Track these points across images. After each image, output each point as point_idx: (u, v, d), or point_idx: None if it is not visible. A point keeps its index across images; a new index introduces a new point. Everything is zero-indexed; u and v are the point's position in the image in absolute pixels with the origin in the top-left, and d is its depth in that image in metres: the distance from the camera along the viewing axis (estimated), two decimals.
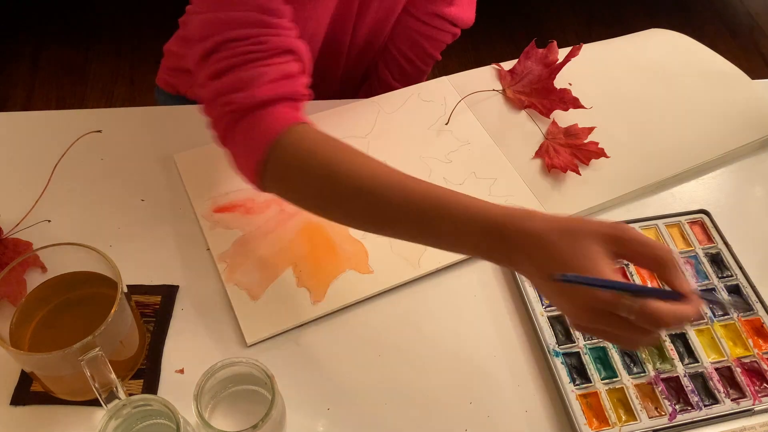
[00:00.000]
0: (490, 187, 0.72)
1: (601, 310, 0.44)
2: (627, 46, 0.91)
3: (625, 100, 0.83)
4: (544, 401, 0.59)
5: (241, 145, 0.54)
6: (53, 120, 0.76)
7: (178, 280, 0.64)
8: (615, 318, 0.44)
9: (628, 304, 0.43)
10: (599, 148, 0.75)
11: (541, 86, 0.81)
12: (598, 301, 0.44)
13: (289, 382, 0.57)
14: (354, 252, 0.66)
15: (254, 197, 0.69)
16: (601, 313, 0.44)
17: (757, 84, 0.86)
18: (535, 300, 0.64)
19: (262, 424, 0.48)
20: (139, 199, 0.70)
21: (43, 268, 0.54)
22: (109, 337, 0.50)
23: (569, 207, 0.71)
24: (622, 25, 2.19)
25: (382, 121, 0.78)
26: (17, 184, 0.70)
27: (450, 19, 0.85)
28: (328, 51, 0.86)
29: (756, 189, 0.77)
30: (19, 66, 1.88)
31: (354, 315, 0.63)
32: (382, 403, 0.58)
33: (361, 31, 0.84)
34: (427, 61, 0.90)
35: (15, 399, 0.56)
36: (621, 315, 0.44)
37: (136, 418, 0.50)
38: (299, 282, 0.64)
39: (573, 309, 0.46)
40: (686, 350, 0.62)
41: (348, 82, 0.96)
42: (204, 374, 0.50)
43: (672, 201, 0.75)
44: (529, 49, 0.83)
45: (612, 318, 0.44)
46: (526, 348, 0.62)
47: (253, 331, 0.60)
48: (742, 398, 0.60)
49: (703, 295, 0.46)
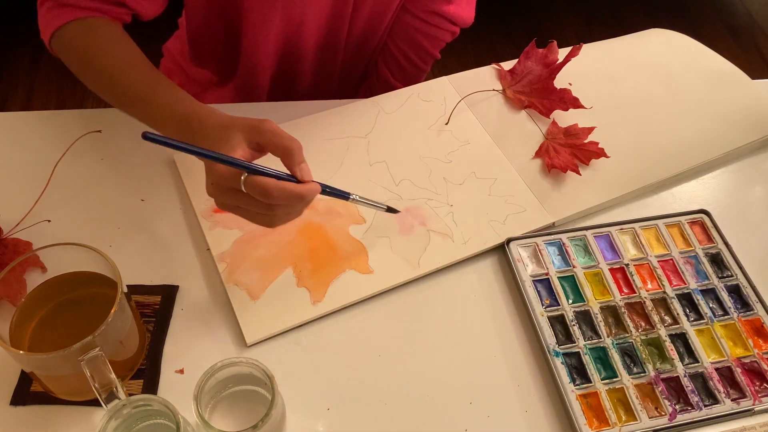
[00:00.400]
0: (490, 187, 0.73)
1: (226, 185, 0.53)
2: (627, 46, 0.91)
3: (625, 100, 0.83)
4: (544, 401, 0.59)
5: (42, 20, 0.69)
6: (53, 120, 0.76)
7: (178, 280, 0.64)
8: (239, 193, 0.53)
9: (240, 178, 0.52)
10: (599, 148, 0.75)
11: (541, 86, 0.81)
12: (220, 177, 0.53)
13: (289, 382, 0.57)
14: (354, 252, 0.66)
15: None
16: (227, 188, 0.54)
17: (757, 84, 0.86)
18: (535, 300, 0.64)
19: (262, 424, 0.48)
20: (139, 199, 0.70)
21: (43, 268, 0.54)
22: (109, 337, 0.50)
23: (569, 207, 0.71)
24: (622, 25, 2.19)
25: (382, 121, 0.78)
26: (17, 184, 0.70)
27: (449, 17, 0.85)
28: (325, 46, 0.86)
29: (756, 189, 0.77)
30: (19, 66, 1.88)
31: (354, 315, 0.63)
32: (382, 403, 0.58)
33: (358, 26, 0.84)
34: (427, 60, 0.90)
35: (15, 399, 0.56)
36: (242, 190, 0.52)
37: (136, 418, 0.50)
38: (299, 282, 0.64)
39: (209, 186, 0.55)
40: (686, 350, 0.62)
41: (347, 79, 0.96)
42: (204, 374, 0.50)
43: (672, 201, 0.75)
44: (529, 49, 0.83)
45: (236, 193, 0.53)
46: (526, 348, 0.62)
47: (253, 331, 0.60)
48: (742, 398, 0.60)
49: (322, 185, 0.56)
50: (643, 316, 0.64)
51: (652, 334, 0.63)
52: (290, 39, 0.82)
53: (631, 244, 0.70)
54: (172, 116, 0.60)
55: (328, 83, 0.94)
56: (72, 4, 0.67)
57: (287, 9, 0.77)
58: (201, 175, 0.71)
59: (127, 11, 0.70)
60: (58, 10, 0.67)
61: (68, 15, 0.67)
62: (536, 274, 0.66)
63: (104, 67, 0.66)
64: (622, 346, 0.62)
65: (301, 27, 0.80)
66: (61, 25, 0.67)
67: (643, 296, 0.66)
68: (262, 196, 0.52)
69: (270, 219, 0.56)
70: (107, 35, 0.67)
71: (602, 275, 0.67)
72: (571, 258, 0.68)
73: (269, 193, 0.52)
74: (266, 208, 0.54)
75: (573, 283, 0.66)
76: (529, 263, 0.67)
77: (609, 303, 0.65)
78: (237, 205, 0.55)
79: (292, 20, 0.79)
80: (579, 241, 0.69)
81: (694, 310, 0.65)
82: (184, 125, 0.59)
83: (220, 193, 0.55)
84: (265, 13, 0.77)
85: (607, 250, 0.69)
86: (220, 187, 0.54)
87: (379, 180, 0.72)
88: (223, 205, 0.56)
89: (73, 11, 0.67)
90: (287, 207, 0.55)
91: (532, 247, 0.68)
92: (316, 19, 0.81)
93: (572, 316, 0.64)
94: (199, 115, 0.58)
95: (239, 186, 0.53)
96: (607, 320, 0.64)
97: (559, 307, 0.64)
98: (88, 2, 0.67)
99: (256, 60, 0.84)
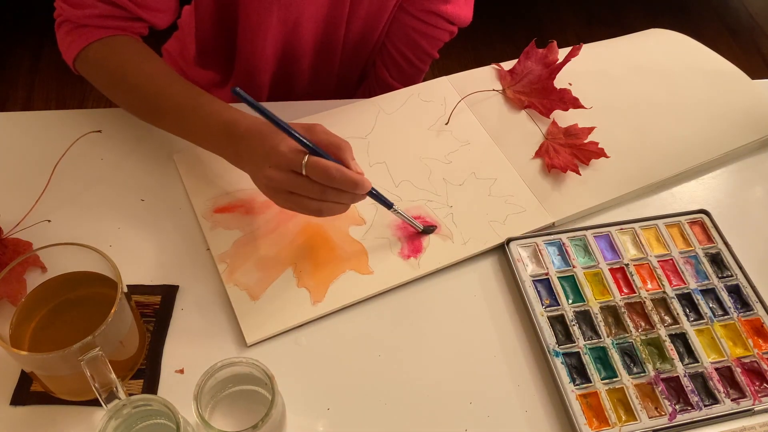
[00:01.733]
0: (490, 187, 0.73)
1: (287, 166, 0.56)
2: (627, 46, 0.91)
3: (625, 100, 0.83)
4: (544, 401, 0.59)
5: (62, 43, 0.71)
6: (53, 120, 0.76)
7: (178, 280, 0.64)
8: (296, 177, 0.56)
9: (302, 161, 0.55)
10: (599, 148, 0.75)
11: (541, 86, 0.81)
12: (284, 157, 0.56)
13: (289, 382, 0.57)
14: (354, 252, 0.66)
15: (254, 197, 0.69)
16: (287, 170, 0.56)
17: (757, 84, 0.86)
18: (535, 300, 0.64)
19: (262, 424, 0.48)
20: (139, 199, 0.70)
21: (43, 268, 0.54)
22: (109, 337, 0.50)
23: (569, 207, 0.71)
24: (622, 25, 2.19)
25: (382, 122, 0.78)
26: (17, 184, 0.70)
27: (447, 17, 0.85)
28: (323, 46, 0.86)
29: (756, 189, 0.77)
30: (19, 66, 1.88)
31: (354, 315, 0.63)
32: (382, 403, 0.58)
33: (355, 26, 0.84)
34: (425, 60, 0.90)
35: (15, 399, 0.56)
36: (300, 173, 0.56)
37: (136, 418, 0.50)
38: (299, 282, 0.64)
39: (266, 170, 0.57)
40: (686, 350, 0.62)
41: (345, 80, 0.96)
42: (204, 374, 0.50)
43: (672, 201, 0.75)
44: (529, 49, 0.83)
45: (294, 177, 0.56)
46: (526, 348, 0.62)
47: (253, 331, 0.60)
48: (742, 398, 0.60)
49: (372, 187, 0.59)
50: (643, 316, 0.64)
51: (652, 334, 0.63)
52: (287, 39, 0.82)
53: (631, 244, 0.70)
54: (218, 124, 0.62)
55: (327, 84, 0.94)
56: (90, 24, 0.68)
57: (284, 9, 0.77)
58: (201, 175, 0.71)
59: (144, 24, 0.71)
60: (78, 32, 0.68)
61: (89, 36, 0.68)
62: (536, 274, 0.66)
63: (138, 84, 0.67)
64: (622, 346, 0.62)
65: (298, 27, 0.80)
66: (84, 47, 0.68)
67: (643, 296, 0.66)
68: (322, 176, 0.55)
69: (320, 206, 0.58)
70: (134, 52, 0.69)
71: (602, 275, 0.67)
72: (571, 258, 0.68)
73: (329, 174, 0.55)
74: (321, 192, 0.57)
75: (573, 283, 0.66)
76: (529, 263, 0.67)
77: (609, 303, 0.65)
78: (291, 189, 0.57)
79: (288, 21, 0.79)
80: (579, 241, 0.69)
81: (694, 310, 0.65)
82: (230, 132, 0.61)
83: (278, 176, 0.57)
84: (261, 13, 0.77)
85: (607, 250, 0.69)
86: (281, 169, 0.57)
87: (379, 181, 0.72)
88: (278, 191, 0.58)
89: (93, 32, 0.68)
90: (340, 194, 0.58)
91: (532, 247, 0.68)
92: (313, 20, 0.81)
93: (572, 316, 0.64)
94: (246, 122, 0.61)
95: (299, 168, 0.56)
96: (607, 320, 0.64)
97: (559, 307, 0.64)
98: (106, 21, 0.68)
99: (254, 60, 0.84)
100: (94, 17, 0.67)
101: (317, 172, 0.56)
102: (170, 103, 0.65)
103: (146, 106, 0.68)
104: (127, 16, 0.69)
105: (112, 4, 0.67)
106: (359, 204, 0.69)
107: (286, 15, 0.78)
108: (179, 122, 0.66)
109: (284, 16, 0.78)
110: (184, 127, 0.66)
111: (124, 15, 0.68)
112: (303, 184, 0.57)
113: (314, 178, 0.56)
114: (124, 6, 0.67)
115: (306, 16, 0.79)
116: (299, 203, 0.58)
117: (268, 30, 0.79)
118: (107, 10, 0.67)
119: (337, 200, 0.58)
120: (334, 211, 0.60)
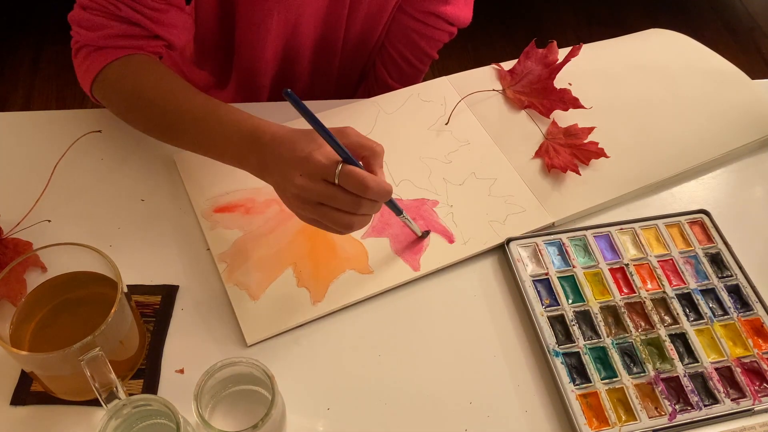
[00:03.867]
0: (490, 187, 0.73)
1: (320, 175, 0.54)
2: (627, 46, 0.91)
3: (624, 100, 0.83)
4: (544, 401, 0.59)
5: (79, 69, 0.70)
6: (53, 120, 0.76)
7: (178, 280, 0.64)
8: (328, 187, 0.54)
9: (336, 169, 0.53)
10: (599, 148, 0.75)
11: (541, 86, 0.81)
12: (317, 166, 0.53)
13: (289, 382, 0.57)
14: (354, 252, 0.66)
15: (254, 197, 0.69)
16: (319, 179, 0.54)
17: (757, 84, 0.86)
18: (535, 300, 0.64)
19: (262, 424, 0.48)
20: (139, 199, 0.70)
21: (43, 268, 0.54)
22: (109, 337, 0.50)
23: (569, 207, 0.71)
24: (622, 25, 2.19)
25: (382, 121, 0.78)
26: (17, 184, 0.70)
27: (446, 17, 0.85)
28: (322, 47, 0.86)
29: (756, 189, 0.77)
30: (19, 66, 1.88)
31: (354, 315, 0.63)
32: (382, 403, 0.58)
33: (355, 26, 0.84)
34: (425, 60, 0.90)
35: (15, 399, 0.56)
36: (333, 183, 0.53)
37: (136, 418, 0.50)
38: (299, 282, 0.64)
39: (297, 179, 0.54)
40: (686, 350, 0.62)
41: (344, 80, 0.96)
42: (204, 374, 0.50)
43: (672, 201, 0.75)
44: (529, 49, 0.83)
45: (326, 187, 0.54)
46: (526, 348, 0.62)
47: (253, 331, 0.61)
48: (742, 398, 0.60)
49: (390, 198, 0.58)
50: (643, 316, 0.64)
51: (651, 334, 0.63)
52: (287, 40, 0.82)
53: (631, 244, 0.70)
54: (240, 132, 0.60)
55: (326, 84, 0.94)
56: (108, 46, 0.67)
57: (283, 10, 0.77)
58: (201, 175, 0.71)
59: (162, 43, 0.70)
60: (95, 55, 0.67)
61: (107, 57, 0.67)
62: (536, 274, 0.66)
63: (156, 99, 0.65)
64: (622, 346, 0.62)
65: (297, 28, 0.80)
66: (102, 69, 0.67)
67: (643, 296, 0.66)
68: (357, 186, 0.53)
69: (351, 219, 0.56)
70: (153, 69, 0.67)
71: (602, 275, 0.67)
72: (571, 258, 0.68)
73: (366, 184, 0.53)
74: (353, 204, 0.54)
75: (573, 283, 0.66)
76: (529, 263, 0.67)
77: (609, 303, 0.65)
78: (323, 200, 0.55)
79: (288, 21, 0.79)
80: (579, 241, 0.69)
81: (693, 310, 0.65)
82: (253, 139, 0.59)
83: (309, 185, 0.54)
84: (261, 14, 0.77)
85: (607, 250, 0.69)
86: (313, 178, 0.54)
87: None
88: (307, 202, 0.55)
89: (111, 52, 0.67)
90: (372, 205, 0.55)
91: (532, 247, 0.68)
92: (313, 20, 0.81)
93: (572, 316, 0.64)
94: (271, 129, 0.58)
95: (332, 178, 0.53)
96: (606, 320, 0.64)
97: (559, 307, 0.64)
98: (124, 41, 0.67)
99: (254, 61, 0.84)
100: (111, 38, 0.66)
101: (352, 182, 0.53)
102: (189, 116, 0.63)
103: (165, 122, 0.66)
104: (144, 34, 0.68)
105: (129, 23, 0.66)
106: None
107: (285, 15, 0.78)
108: (199, 135, 0.63)
109: (284, 17, 0.78)
110: (205, 140, 0.63)
111: (142, 33, 0.67)
112: (335, 194, 0.54)
113: (348, 188, 0.53)
114: (142, 24, 0.66)
115: (306, 17, 0.79)
116: (328, 216, 0.55)
117: (268, 30, 0.79)
118: (124, 30, 0.66)
119: (370, 212, 0.56)
120: (363, 224, 0.57)
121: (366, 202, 0.54)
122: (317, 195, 0.54)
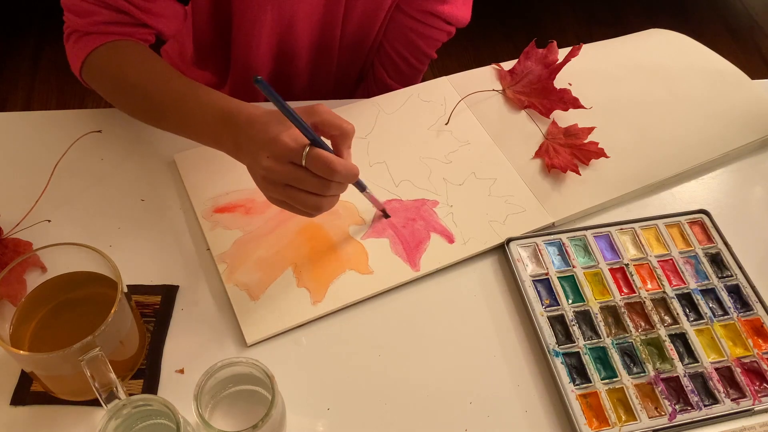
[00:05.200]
0: (490, 187, 0.73)
1: (286, 158, 0.54)
2: (627, 46, 0.91)
3: (624, 100, 0.83)
4: (544, 401, 0.59)
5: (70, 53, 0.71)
6: (53, 120, 0.76)
7: (178, 280, 0.64)
8: (296, 170, 0.54)
9: (303, 152, 0.53)
10: (599, 148, 0.75)
11: (541, 86, 0.81)
12: (284, 148, 0.53)
13: (289, 382, 0.57)
14: (354, 252, 0.66)
15: (254, 197, 0.69)
16: (286, 162, 0.54)
17: (757, 84, 0.86)
18: (534, 300, 0.64)
19: (262, 424, 0.48)
20: (139, 199, 0.70)
21: (43, 268, 0.54)
22: (109, 337, 0.50)
23: (569, 207, 0.71)
24: (622, 25, 2.19)
25: (382, 122, 0.78)
26: (17, 184, 0.70)
27: (444, 17, 0.85)
28: (319, 46, 0.86)
29: (756, 189, 0.77)
30: (19, 66, 1.88)
31: (354, 315, 0.63)
32: (382, 403, 0.58)
33: (351, 25, 0.84)
34: (423, 60, 0.90)
35: (15, 399, 0.56)
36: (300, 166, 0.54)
37: (136, 418, 0.50)
38: (299, 282, 0.64)
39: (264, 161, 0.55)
40: (686, 350, 0.62)
41: (343, 80, 0.96)
42: (204, 374, 0.50)
43: (672, 201, 0.75)
44: (529, 49, 0.83)
45: (293, 170, 0.54)
46: (526, 348, 0.62)
47: (253, 331, 0.61)
48: (742, 398, 0.60)
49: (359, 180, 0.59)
50: (643, 316, 0.64)
51: (651, 334, 0.63)
52: (282, 38, 0.82)
53: (631, 244, 0.70)
54: (215, 113, 0.60)
55: (325, 84, 0.94)
56: (96, 32, 0.68)
57: (277, 8, 0.77)
58: (201, 175, 0.71)
59: (150, 31, 0.71)
60: (85, 40, 0.68)
61: (95, 41, 0.68)
62: (536, 274, 0.66)
63: (138, 81, 0.66)
64: (622, 346, 0.62)
65: (292, 26, 0.80)
66: (89, 53, 0.68)
67: (643, 296, 0.66)
68: (324, 169, 0.53)
69: (319, 201, 0.57)
70: (137, 53, 0.69)
71: (602, 275, 0.67)
72: (571, 258, 0.68)
73: (333, 167, 0.53)
74: (321, 186, 0.55)
75: (573, 283, 0.66)
76: (529, 263, 0.67)
77: (609, 303, 0.65)
78: (289, 182, 0.55)
79: (282, 19, 0.79)
80: (579, 241, 0.69)
81: (693, 310, 0.65)
82: (228, 120, 0.59)
83: (276, 166, 0.55)
84: (255, 12, 0.77)
85: (607, 250, 0.69)
86: (280, 160, 0.54)
87: (379, 181, 0.72)
88: (274, 184, 0.56)
89: (99, 37, 0.68)
90: (339, 187, 0.56)
91: (532, 247, 0.68)
92: (308, 19, 0.80)
93: (572, 316, 0.64)
94: (246, 110, 0.59)
95: (299, 160, 0.54)
96: (606, 320, 0.64)
97: (559, 307, 0.64)
98: (113, 27, 0.68)
99: (250, 60, 0.84)
100: (99, 24, 0.68)
101: (319, 165, 0.53)
102: (169, 98, 0.64)
103: (147, 104, 0.67)
104: (132, 22, 0.69)
105: (117, 11, 0.67)
106: (359, 204, 0.69)
107: (279, 13, 0.78)
108: (179, 117, 0.65)
109: (278, 15, 0.78)
110: (185, 122, 0.64)
111: (130, 21, 0.68)
112: (302, 176, 0.55)
113: (315, 171, 0.54)
114: (129, 12, 0.67)
115: (300, 15, 0.79)
116: (295, 198, 0.56)
117: (262, 28, 0.79)
118: (112, 17, 0.67)
119: (337, 192, 0.57)
120: (331, 206, 0.58)
121: (334, 184, 0.55)
122: (284, 177, 0.55)
